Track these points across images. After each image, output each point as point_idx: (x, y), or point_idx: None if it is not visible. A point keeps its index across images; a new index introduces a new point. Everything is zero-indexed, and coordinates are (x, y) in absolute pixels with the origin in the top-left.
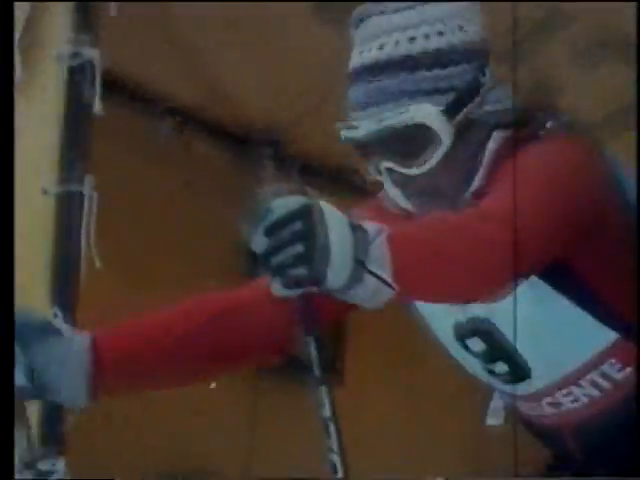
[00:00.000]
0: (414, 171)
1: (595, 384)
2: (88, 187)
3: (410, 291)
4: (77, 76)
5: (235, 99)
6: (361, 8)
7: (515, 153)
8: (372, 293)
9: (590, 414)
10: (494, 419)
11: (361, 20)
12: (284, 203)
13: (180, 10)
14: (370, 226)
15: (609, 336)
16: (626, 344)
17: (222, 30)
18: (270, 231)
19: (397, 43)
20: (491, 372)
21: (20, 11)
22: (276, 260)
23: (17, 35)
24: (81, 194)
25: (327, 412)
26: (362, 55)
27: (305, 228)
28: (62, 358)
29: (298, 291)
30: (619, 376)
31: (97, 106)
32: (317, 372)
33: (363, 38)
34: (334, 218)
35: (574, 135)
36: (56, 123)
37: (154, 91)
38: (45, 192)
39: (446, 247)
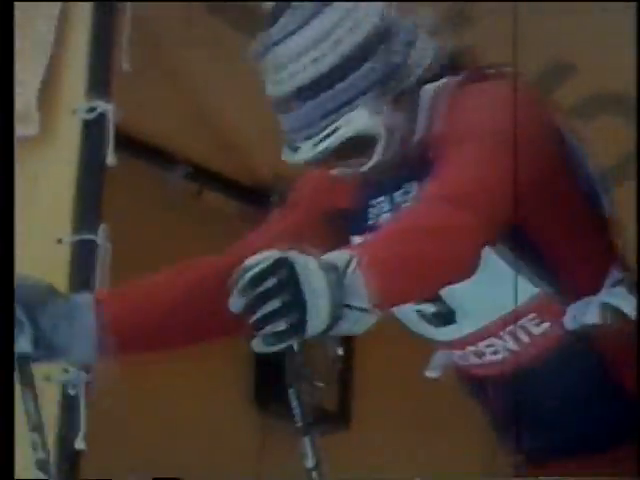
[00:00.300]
0: (364, 168)
1: (515, 337)
2: (102, 236)
3: (392, 305)
4: (91, 129)
5: (243, 148)
6: (261, 40)
7: (456, 95)
8: (354, 324)
9: (510, 368)
10: (433, 372)
11: (264, 52)
12: (256, 261)
13: (189, 62)
14: (338, 257)
15: (531, 291)
16: (547, 300)
17: (230, 82)
18: (245, 290)
19: (305, 68)
20: (419, 312)
21: (39, 67)
22: (254, 318)
23: (36, 90)
24: (95, 243)
25: (310, 463)
26: (277, 87)
27: (279, 283)
28: (69, 317)
29: (280, 346)
30: (537, 330)
31: (110, 158)
32: (300, 422)
33: (272, 68)
34: (306, 266)
35: (522, 83)
36: (71, 174)
37: (165, 142)
38: (60, 241)
39: (416, 252)
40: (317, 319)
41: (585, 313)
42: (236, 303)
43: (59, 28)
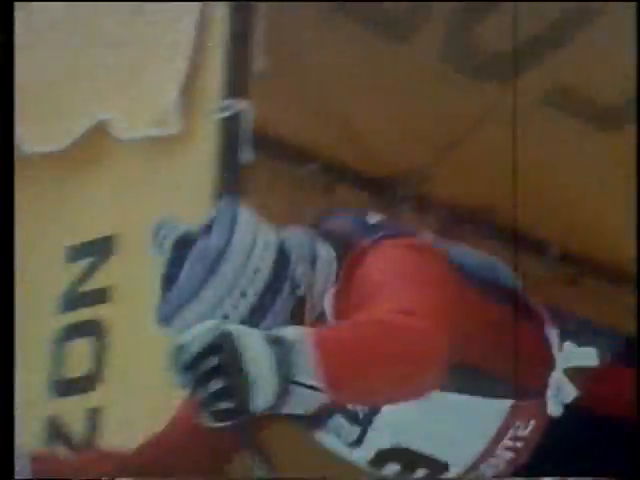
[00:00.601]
0: None
1: (508, 448)
2: None
3: (344, 391)
4: (228, 127)
5: (374, 143)
6: (165, 304)
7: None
8: (302, 401)
9: (512, 470)
10: None
11: (171, 315)
12: (197, 337)
13: (320, 60)
14: (291, 332)
15: (504, 406)
16: (522, 404)
17: (359, 78)
18: (188, 369)
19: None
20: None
21: (178, 68)
22: (200, 397)
23: (177, 91)
24: None
25: None
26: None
27: (221, 362)
28: None
29: (229, 421)
30: (526, 433)
31: (246, 154)
32: None
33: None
34: (250, 341)
35: (405, 238)
36: (209, 171)
37: (297, 138)
38: None
39: (375, 342)
40: (263, 395)
41: (562, 393)
42: (180, 380)
43: (198, 30)
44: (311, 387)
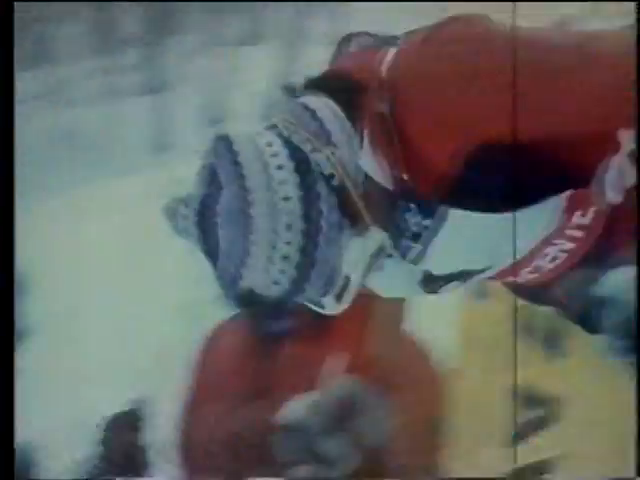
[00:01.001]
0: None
1: (568, 237)
2: None
3: None
4: None
5: None
6: (226, 269)
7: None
8: None
9: (570, 265)
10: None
11: (235, 279)
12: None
13: None
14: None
15: (557, 199)
16: (576, 193)
17: None
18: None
19: (283, 271)
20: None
21: None
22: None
23: None
24: None
25: None
26: (269, 290)
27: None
28: None
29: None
30: (586, 221)
31: None
32: None
33: (256, 284)
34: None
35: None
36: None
37: None
38: None
39: None
40: None
41: (622, 178)
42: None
43: None
44: None
